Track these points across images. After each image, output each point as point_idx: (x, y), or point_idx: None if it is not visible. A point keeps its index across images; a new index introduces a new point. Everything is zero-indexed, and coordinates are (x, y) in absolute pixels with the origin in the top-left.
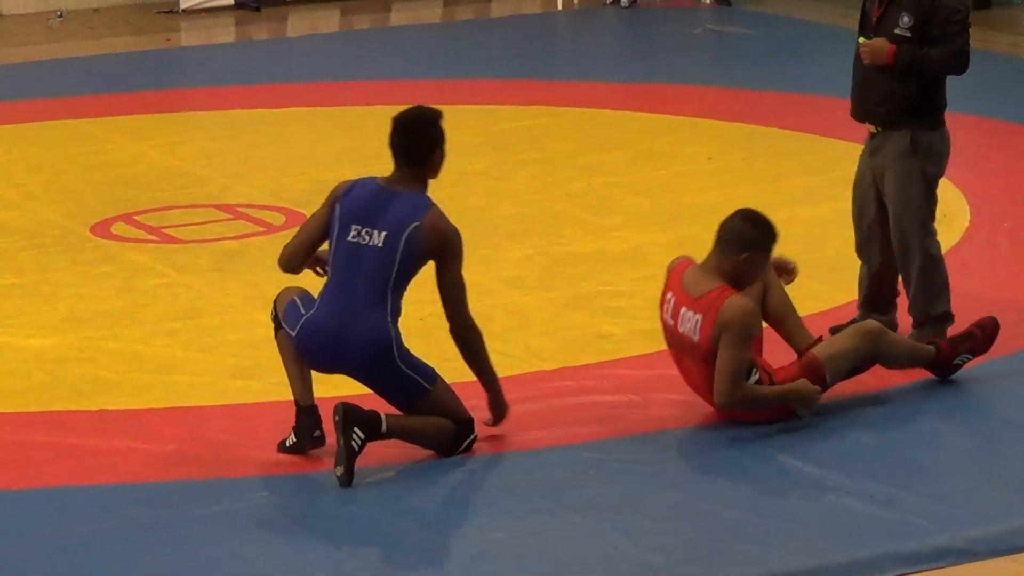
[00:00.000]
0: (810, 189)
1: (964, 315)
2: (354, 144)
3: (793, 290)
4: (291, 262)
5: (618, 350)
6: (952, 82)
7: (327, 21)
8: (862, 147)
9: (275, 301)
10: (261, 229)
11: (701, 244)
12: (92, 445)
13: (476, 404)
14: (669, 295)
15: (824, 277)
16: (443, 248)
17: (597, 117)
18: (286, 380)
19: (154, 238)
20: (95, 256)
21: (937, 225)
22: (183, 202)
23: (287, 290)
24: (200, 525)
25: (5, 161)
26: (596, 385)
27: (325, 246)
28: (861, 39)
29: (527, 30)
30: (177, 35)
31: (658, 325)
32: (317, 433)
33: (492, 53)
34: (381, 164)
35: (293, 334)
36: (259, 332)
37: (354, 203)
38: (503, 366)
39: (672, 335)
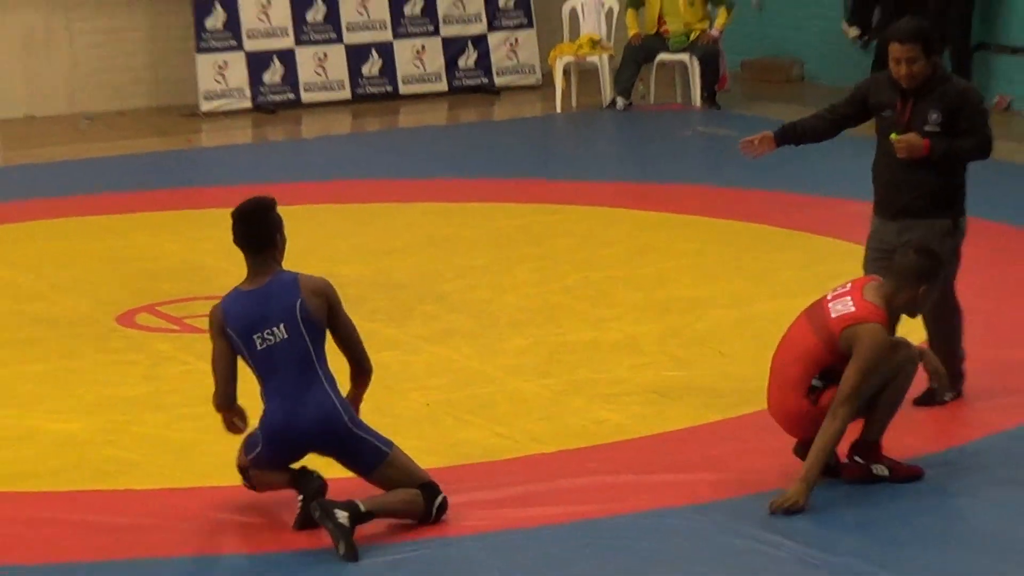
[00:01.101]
0: (797, 282)
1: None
2: (365, 240)
3: None
4: (226, 400)
5: (615, 434)
6: None
7: (339, 123)
8: (845, 242)
9: (237, 462)
10: None
11: (693, 334)
12: (117, 523)
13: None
14: (848, 285)
15: None
16: (327, 301)
17: (594, 214)
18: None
19: (176, 328)
20: (120, 345)
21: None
22: (204, 294)
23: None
24: None
25: (35, 255)
26: (594, 467)
27: None
28: (893, 136)
29: (528, 132)
30: (198, 136)
31: (650, 410)
32: (316, 481)
33: (494, 153)
34: (391, 258)
35: (257, 449)
36: None
37: (240, 320)
38: (504, 449)
39: (818, 308)
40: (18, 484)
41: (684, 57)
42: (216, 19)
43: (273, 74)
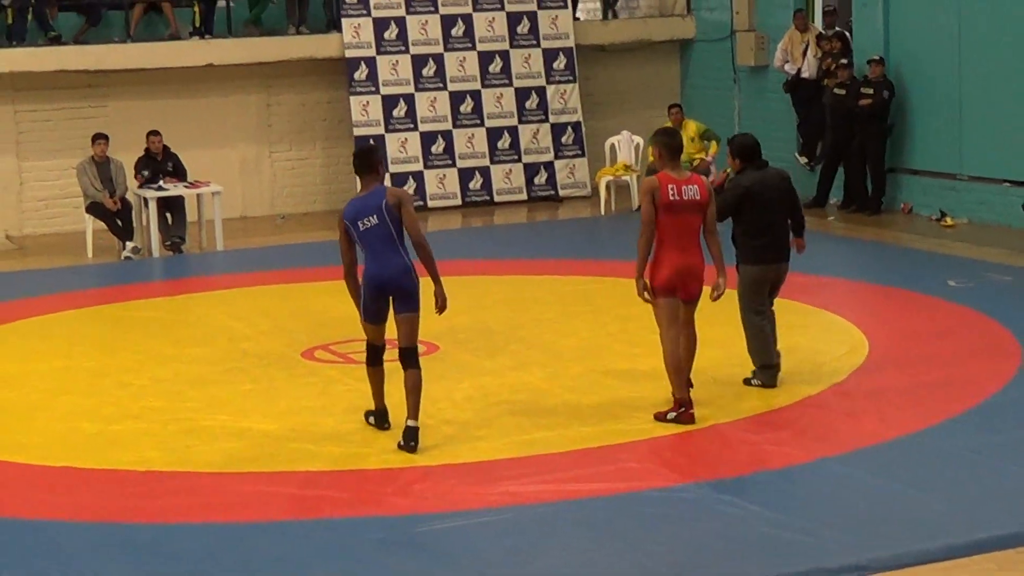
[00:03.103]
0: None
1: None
2: (472, 301)
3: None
4: (347, 264)
5: (641, 435)
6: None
7: (453, 221)
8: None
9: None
10: None
11: (696, 366)
12: (304, 494)
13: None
14: (671, 186)
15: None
16: (400, 201)
17: (628, 284)
18: (420, 447)
19: (342, 360)
20: (303, 372)
21: (845, 355)
22: (360, 336)
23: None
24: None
25: (246, 309)
26: (625, 457)
27: None
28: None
29: (581, 228)
30: None
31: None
32: (387, 426)
33: (559, 242)
34: (487, 312)
35: (365, 291)
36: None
37: (349, 213)
38: (563, 444)
39: (678, 203)
40: (236, 467)
41: None
42: None
43: (408, 188)
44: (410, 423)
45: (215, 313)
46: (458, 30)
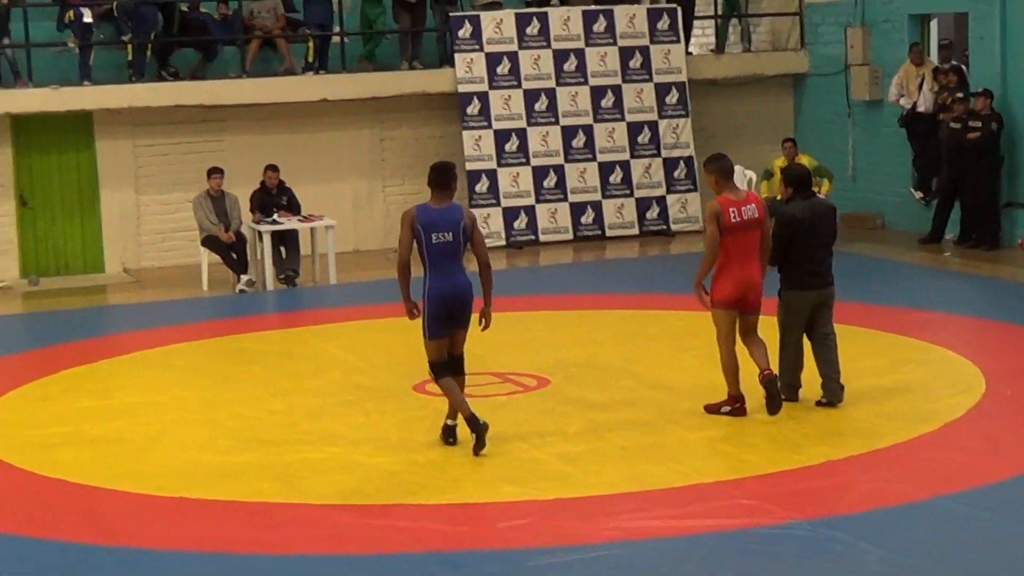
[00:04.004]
0: (879, 365)
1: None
2: (583, 335)
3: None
4: (403, 259)
5: (755, 470)
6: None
7: (564, 256)
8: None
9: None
10: (520, 389)
11: (809, 402)
12: (415, 527)
13: None
14: (732, 209)
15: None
16: (472, 223)
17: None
18: (533, 481)
19: None
20: (414, 405)
21: (961, 393)
22: (470, 370)
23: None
24: None
25: (359, 342)
26: (739, 493)
27: None
28: None
29: (693, 262)
30: (470, 264)
31: (780, 455)
32: (483, 422)
33: (671, 276)
34: (597, 347)
35: (431, 307)
36: (520, 456)
37: (425, 221)
38: (676, 479)
39: (739, 224)
40: (347, 499)
41: None
42: (482, 185)
43: (520, 222)
44: (448, 422)
45: (328, 346)
46: (570, 65)
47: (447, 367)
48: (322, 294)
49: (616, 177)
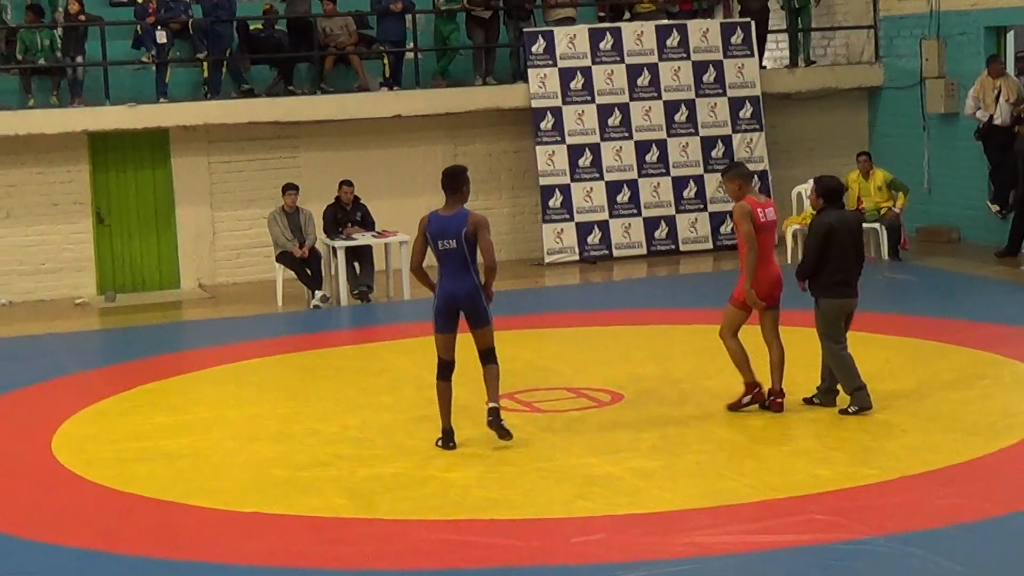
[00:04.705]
0: (956, 379)
1: None
2: (658, 351)
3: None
4: (415, 264)
5: (827, 485)
6: None
7: (637, 271)
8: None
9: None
10: (594, 404)
11: (882, 417)
12: (486, 542)
13: None
14: (759, 209)
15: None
16: (477, 227)
17: (812, 334)
18: (606, 496)
19: (526, 409)
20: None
21: None
22: (544, 385)
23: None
24: None
25: (433, 359)
26: (813, 508)
27: None
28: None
29: None
30: (542, 279)
31: (852, 470)
32: (452, 445)
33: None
34: (671, 362)
35: (436, 303)
36: (594, 471)
37: (433, 229)
38: (750, 495)
39: (766, 224)
40: (421, 515)
41: (876, 226)
42: (556, 201)
43: (594, 237)
44: (491, 404)
45: (402, 362)
46: (644, 79)
47: (449, 371)
48: (396, 309)
49: (690, 192)
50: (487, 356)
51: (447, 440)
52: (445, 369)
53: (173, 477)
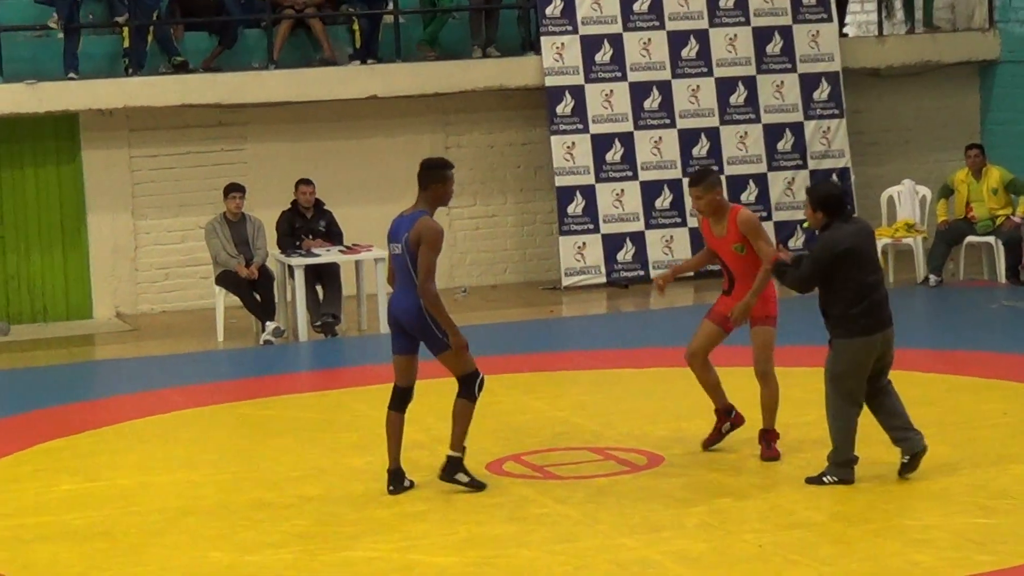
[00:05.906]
0: None
1: None
2: (706, 399)
3: None
4: (389, 276)
5: (927, 575)
6: None
7: (683, 297)
8: None
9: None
10: (626, 468)
11: (998, 486)
12: None
13: None
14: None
15: None
16: (419, 238)
17: (910, 379)
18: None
19: (538, 475)
20: (489, 489)
21: None
22: (562, 445)
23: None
24: None
25: (417, 409)
26: None
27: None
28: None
29: None
30: (559, 307)
31: (959, 554)
32: (404, 486)
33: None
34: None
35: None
36: (625, 555)
37: (391, 229)
38: None
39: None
40: None
41: (990, 240)
42: (576, 206)
43: (625, 253)
44: (449, 453)
45: (377, 413)
46: (690, 50)
47: (402, 400)
48: (370, 346)
49: (750, 195)
50: (460, 386)
51: (395, 483)
52: (396, 397)
53: (83, 562)
